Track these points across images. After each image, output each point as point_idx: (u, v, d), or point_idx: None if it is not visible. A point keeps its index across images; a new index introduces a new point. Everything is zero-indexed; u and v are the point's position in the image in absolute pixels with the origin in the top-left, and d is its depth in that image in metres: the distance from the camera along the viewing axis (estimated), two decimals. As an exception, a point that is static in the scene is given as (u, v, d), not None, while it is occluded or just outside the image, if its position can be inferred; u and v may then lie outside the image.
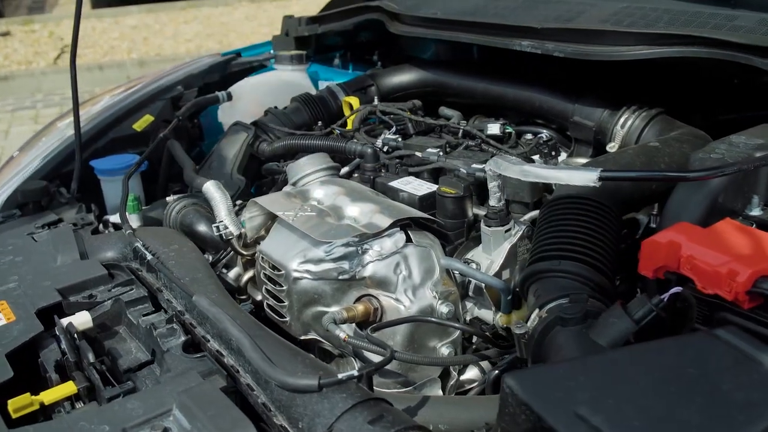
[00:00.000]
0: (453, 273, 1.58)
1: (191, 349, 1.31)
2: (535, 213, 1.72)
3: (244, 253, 1.76)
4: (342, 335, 1.43)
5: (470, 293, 1.60)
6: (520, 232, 1.57)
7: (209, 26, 13.29)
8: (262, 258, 1.65)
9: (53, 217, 1.89)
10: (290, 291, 1.58)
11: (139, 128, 2.43)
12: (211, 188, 1.75)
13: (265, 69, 2.89)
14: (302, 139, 1.99)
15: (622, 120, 1.78)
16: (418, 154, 1.90)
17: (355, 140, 1.99)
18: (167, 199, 2.01)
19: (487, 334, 1.50)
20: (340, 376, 1.10)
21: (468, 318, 1.62)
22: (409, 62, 2.74)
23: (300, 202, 1.69)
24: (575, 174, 1.27)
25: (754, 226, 1.30)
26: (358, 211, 1.61)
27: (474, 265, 1.57)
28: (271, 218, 1.79)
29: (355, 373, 1.11)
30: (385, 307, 1.54)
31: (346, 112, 2.26)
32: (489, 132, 1.99)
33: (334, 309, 1.57)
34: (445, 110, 2.27)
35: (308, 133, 2.12)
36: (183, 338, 1.33)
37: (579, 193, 1.37)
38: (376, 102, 2.28)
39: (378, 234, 1.52)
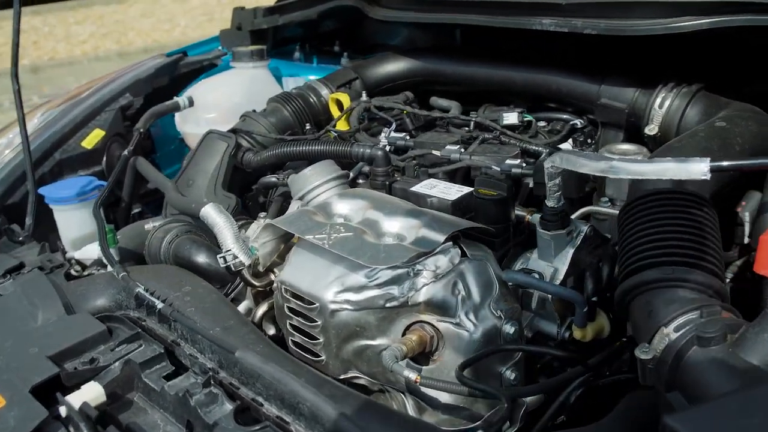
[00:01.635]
0: (511, 286, 1.39)
1: (244, 418, 1.07)
2: (586, 209, 1.55)
3: (257, 284, 1.51)
4: (413, 376, 1.21)
5: (533, 306, 1.41)
6: (583, 234, 1.40)
7: (103, 26, 12.60)
8: (285, 290, 1.41)
9: (12, 261, 1.58)
10: (326, 326, 1.35)
11: (90, 145, 2.12)
12: (213, 212, 1.49)
13: (217, 67, 2.61)
14: (297, 146, 1.74)
15: (659, 100, 1.63)
16: (436, 152, 1.70)
17: (358, 142, 1.76)
18: (146, 227, 1.73)
19: (572, 354, 1.31)
20: None
21: (529, 334, 1.44)
22: (376, 50, 2.53)
23: (324, 221, 1.45)
24: (678, 167, 1.10)
25: None
26: (399, 226, 1.40)
27: (536, 275, 1.39)
28: (284, 242, 1.55)
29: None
30: (444, 334, 1.33)
31: (334, 110, 2.03)
32: (505, 122, 1.81)
33: (379, 341, 1.36)
34: (439, 101, 2.06)
35: (301, 138, 1.88)
36: (230, 405, 1.08)
37: (669, 187, 1.20)
38: (364, 96, 2.06)
39: (431, 251, 1.31)
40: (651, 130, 1.62)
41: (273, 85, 2.40)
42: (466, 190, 1.56)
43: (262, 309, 1.55)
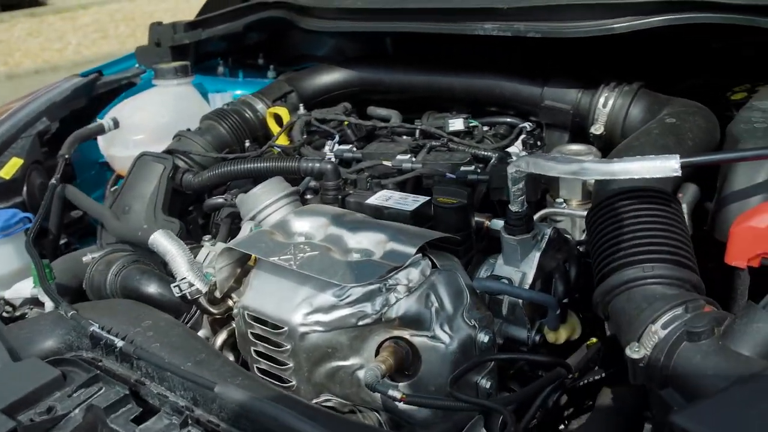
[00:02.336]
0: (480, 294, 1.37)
1: (232, 457, 1.00)
2: (544, 212, 1.56)
3: (215, 311, 1.44)
4: (397, 395, 1.17)
5: (503, 313, 1.40)
6: (547, 237, 1.40)
7: (-16, 47, 11.93)
8: (248, 315, 1.35)
9: (-64, 306, 1.44)
10: (297, 350, 1.30)
11: (8, 175, 1.97)
12: (163, 239, 1.40)
13: (136, 86, 2.49)
14: (242, 164, 1.67)
15: (602, 99, 1.66)
16: (387, 162, 1.67)
17: (304, 157, 1.71)
18: (84, 259, 1.62)
19: (558, 360, 1.30)
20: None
21: (500, 341, 1.42)
22: (302, 62, 2.49)
23: (285, 240, 1.39)
24: (649, 165, 1.11)
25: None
26: (365, 241, 1.36)
27: (506, 281, 1.38)
28: (241, 265, 1.48)
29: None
30: (420, 348, 1.30)
31: (272, 125, 1.96)
32: (451, 128, 1.81)
33: (352, 361, 1.32)
34: (377, 110, 2.04)
35: (243, 155, 1.81)
36: (214, 445, 1.01)
37: (635, 185, 1.21)
38: (302, 109, 2.00)
39: (403, 265, 1.28)
40: (597, 129, 1.65)
41: (200, 102, 2.31)
42: (423, 199, 1.54)
43: (222, 337, 1.47)
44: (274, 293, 1.35)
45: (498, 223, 1.50)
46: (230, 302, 1.46)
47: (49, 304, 1.54)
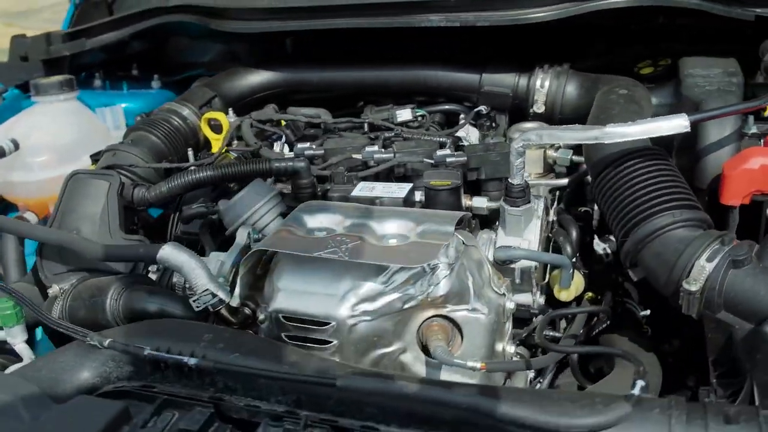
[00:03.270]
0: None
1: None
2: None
3: (235, 321, 1.37)
4: (477, 364, 1.22)
5: (517, 280, 1.49)
6: (542, 206, 1.52)
7: None
8: (282, 318, 1.31)
9: None
10: (344, 343, 1.29)
11: None
12: (175, 252, 1.31)
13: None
14: (207, 171, 1.59)
15: (539, 81, 1.81)
16: (356, 156, 1.68)
17: (271, 158, 1.67)
18: (50, 291, 1.45)
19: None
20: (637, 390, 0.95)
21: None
22: (186, 70, 2.40)
23: (311, 236, 1.37)
24: (663, 124, 1.27)
25: (762, 140, 1.47)
26: (396, 227, 1.37)
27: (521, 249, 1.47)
28: (255, 271, 1.42)
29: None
30: (461, 322, 1.35)
31: (207, 131, 1.87)
32: (400, 119, 1.87)
33: (395, 347, 1.33)
34: (301, 110, 2.03)
35: (203, 162, 1.71)
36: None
37: (634, 146, 1.36)
38: (231, 113, 1.94)
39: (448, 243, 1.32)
40: (539, 108, 1.81)
41: (93, 117, 2.13)
42: (407, 186, 1.59)
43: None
44: (310, 291, 1.32)
45: (480, 200, 1.59)
46: (246, 310, 1.40)
47: (21, 347, 1.37)
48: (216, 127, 1.88)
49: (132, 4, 2.46)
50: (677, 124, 1.27)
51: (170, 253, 1.31)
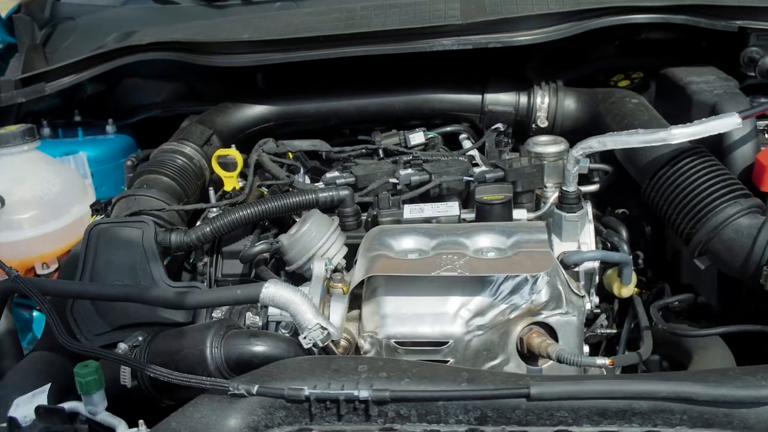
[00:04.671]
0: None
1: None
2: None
3: (341, 353, 1.32)
4: (605, 361, 1.26)
5: (581, 281, 1.55)
6: (590, 211, 1.60)
7: None
8: (394, 344, 1.28)
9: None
10: (459, 361, 1.30)
11: None
12: (281, 289, 1.24)
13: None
14: (253, 207, 1.54)
15: (539, 98, 1.90)
16: (393, 180, 1.69)
17: (319, 188, 1.64)
18: (122, 346, 1.32)
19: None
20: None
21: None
22: (136, 112, 2.29)
23: (417, 258, 1.36)
24: (718, 123, 1.41)
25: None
26: (487, 240, 1.40)
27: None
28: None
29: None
30: (556, 326, 1.39)
31: (219, 170, 1.78)
32: (413, 143, 1.89)
33: (500, 359, 1.37)
34: (296, 142, 1.99)
35: (236, 201, 1.63)
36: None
37: (684, 147, 1.47)
38: (234, 149, 1.86)
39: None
40: (542, 122, 1.90)
41: (69, 167, 1.96)
42: (453, 204, 1.62)
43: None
44: (419, 313, 1.32)
45: (520, 213, 1.64)
46: (343, 342, 1.35)
47: (105, 416, 1.23)
48: (226, 165, 1.79)
49: (71, 46, 2.31)
50: (731, 121, 1.41)
51: (275, 291, 1.24)
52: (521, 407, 1.04)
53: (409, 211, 1.61)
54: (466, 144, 1.94)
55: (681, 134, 1.40)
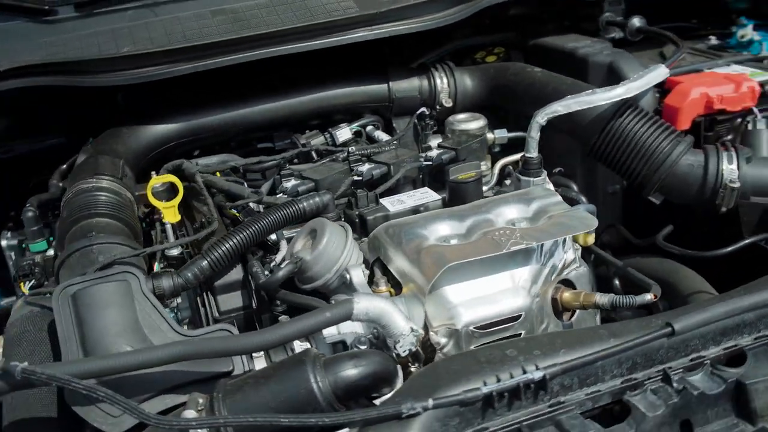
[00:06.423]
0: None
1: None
2: (503, 162, 1.80)
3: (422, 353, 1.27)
4: (650, 296, 1.37)
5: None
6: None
7: None
8: (473, 331, 1.28)
9: None
10: (532, 330, 1.34)
11: None
12: (372, 302, 1.15)
13: None
14: (243, 231, 1.39)
15: (438, 80, 1.97)
16: (357, 178, 1.64)
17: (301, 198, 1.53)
18: (190, 413, 1.10)
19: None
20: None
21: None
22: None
23: (466, 242, 1.35)
24: (653, 75, 1.61)
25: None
26: (514, 212, 1.43)
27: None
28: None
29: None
30: (575, 280, 1.48)
31: (156, 201, 1.53)
32: (342, 139, 1.84)
33: (546, 321, 1.42)
34: (203, 160, 1.80)
35: (228, 231, 1.43)
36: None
37: (622, 103, 1.63)
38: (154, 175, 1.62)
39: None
40: (448, 102, 1.97)
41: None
42: (429, 191, 1.63)
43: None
44: (486, 295, 1.32)
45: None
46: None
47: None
48: (160, 194, 1.56)
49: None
50: (663, 71, 1.62)
51: (367, 305, 1.15)
52: (663, 346, 1.11)
53: (391, 204, 1.57)
54: (379, 135, 1.94)
55: (633, 88, 1.57)
